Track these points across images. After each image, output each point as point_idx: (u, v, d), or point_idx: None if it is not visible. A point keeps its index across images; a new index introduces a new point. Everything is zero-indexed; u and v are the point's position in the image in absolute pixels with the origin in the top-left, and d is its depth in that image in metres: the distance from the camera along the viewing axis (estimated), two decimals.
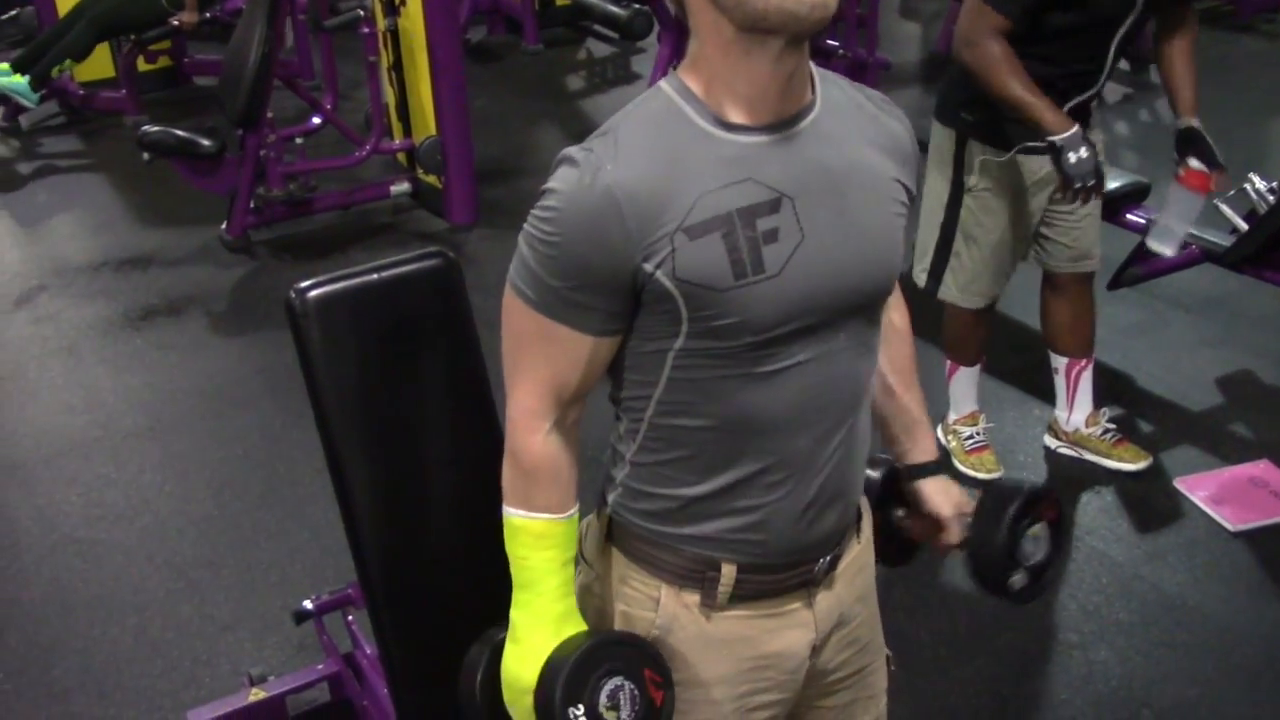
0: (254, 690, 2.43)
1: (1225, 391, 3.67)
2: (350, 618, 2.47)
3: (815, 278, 1.29)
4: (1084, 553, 2.99)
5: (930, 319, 3.11)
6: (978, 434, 3.35)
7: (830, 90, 1.35)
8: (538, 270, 1.28)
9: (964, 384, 3.34)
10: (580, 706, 1.32)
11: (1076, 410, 3.29)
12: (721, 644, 1.45)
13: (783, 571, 1.44)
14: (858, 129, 1.36)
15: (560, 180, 1.26)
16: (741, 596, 1.43)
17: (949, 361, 3.32)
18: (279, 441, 3.54)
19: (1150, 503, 3.17)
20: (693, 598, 1.43)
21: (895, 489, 1.67)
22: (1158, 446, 3.38)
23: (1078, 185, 2.71)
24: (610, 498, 1.47)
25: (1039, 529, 1.59)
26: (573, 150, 1.28)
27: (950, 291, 3.15)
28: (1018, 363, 3.73)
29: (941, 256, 3.12)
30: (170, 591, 2.97)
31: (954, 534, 1.61)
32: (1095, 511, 3.15)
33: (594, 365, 1.34)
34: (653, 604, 1.45)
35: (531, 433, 1.37)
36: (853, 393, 1.40)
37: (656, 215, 1.24)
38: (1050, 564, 1.61)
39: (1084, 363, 3.24)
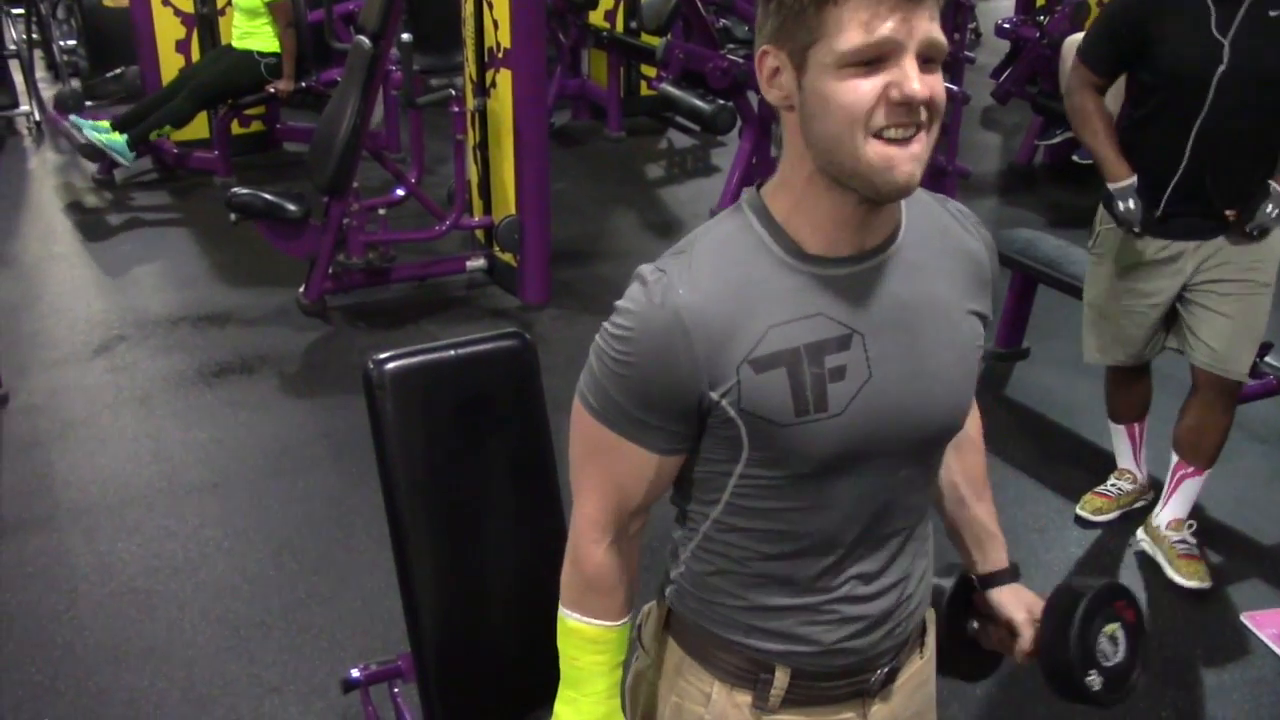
0: None
1: None
2: (396, 689, 2.46)
3: (878, 417, 1.27)
4: (1145, 684, 2.91)
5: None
6: (1110, 488, 3.56)
7: (915, 215, 1.33)
8: (606, 386, 1.29)
9: (1114, 438, 3.56)
10: None
11: (1168, 510, 3.31)
12: None
13: (838, 679, 1.42)
14: (939, 258, 1.33)
15: (633, 300, 1.26)
16: (794, 701, 1.41)
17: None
18: (339, 506, 3.57)
19: (1216, 636, 3.09)
20: (744, 698, 1.42)
21: (968, 599, 1.62)
22: (1226, 579, 3.30)
23: (1126, 230, 3.02)
24: (668, 591, 1.48)
25: (1115, 629, 1.50)
26: (647, 270, 1.27)
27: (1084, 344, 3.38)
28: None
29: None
30: (221, 649, 2.98)
31: (1028, 639, 1.55)
32: (1158, 643, 3.06)
33: (658, 482, 1.35)
34: (704, 699, 1.44)
35: (593, 543, 1.39)
36: (908, 522, 1.39)
37: (724, 343, 1.22)
38: (1132, 668, 1.52)
39: (1192, 470, 3.24)
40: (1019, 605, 1.58)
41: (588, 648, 1.42)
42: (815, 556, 1.34)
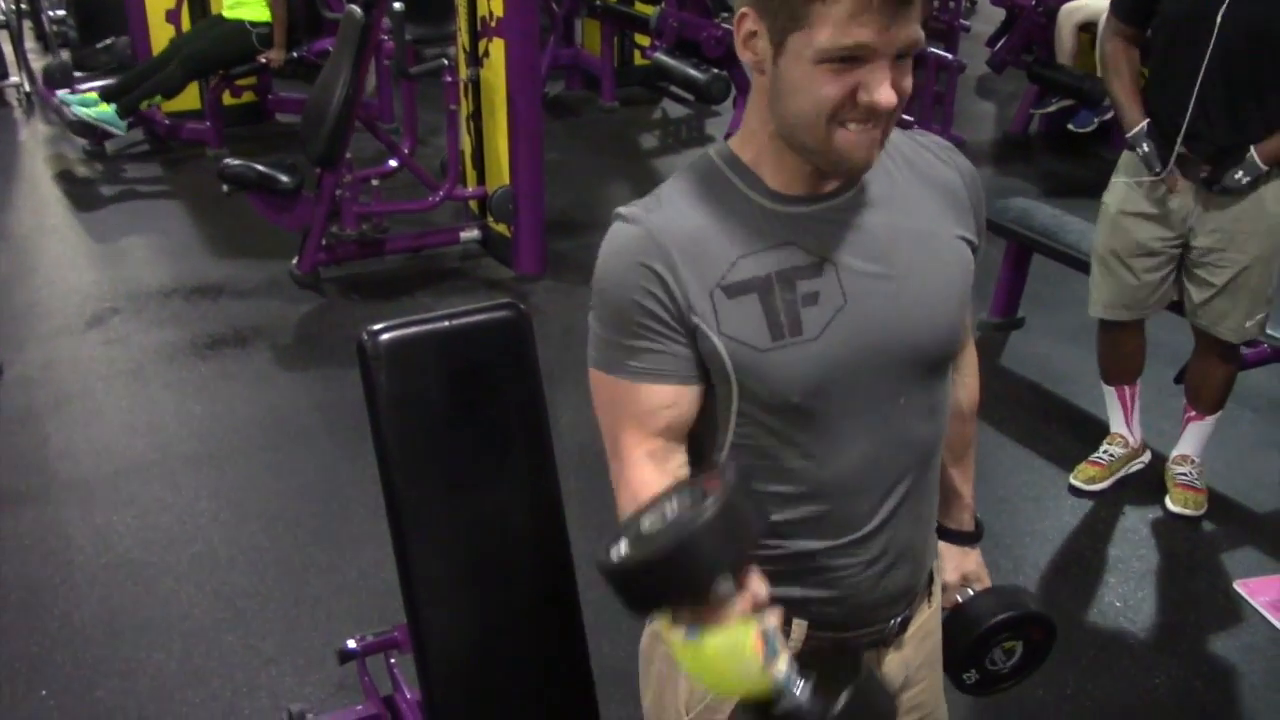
0: None
1: None
2: (393, 660, 2.47)
3: (858, 342, 1.29)
4: (1138, 651, 2.93)
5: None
6: (1102, 454, 3.58)
7: (884, 152, 1.33)
8: (604, 334, 1.31)
9: (1107, 401, 3.60)
10: None
11: (1177, 447, 3.51)
12: None
13: (854, 629, 1.43)
14: (908, 189, 1.36)
15: (608, 236, 1.32)
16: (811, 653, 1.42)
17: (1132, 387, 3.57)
18: (334, 478, 3.57)
19: (1209, 604, 3.10)
20: None
21: None
22: (1219, 547, 3.32)
23: (1150, 171, 3.08)
24: None
25: (1016, 645, 1.62)
26: (620, 209, 1.33)
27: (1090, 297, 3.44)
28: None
29: None
30: (217, 620, 2.98)
31: (948, 599, 1.64)
32: (1152, 609, 3.08)
33: (679, 414, 1.32)
34: None
35: (635, 466, 1.33)
36: (918, 454, 1.39)
37: (696, 265, 1.26)
38: (1012, 678, 1.65)
39: (1195, 414, 3.44)
40: (954, 569, 1.65)
41: None
42: (829, 498, 1.34)
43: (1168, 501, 3.44)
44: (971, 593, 1.66)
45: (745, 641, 1.14)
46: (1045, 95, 6.80)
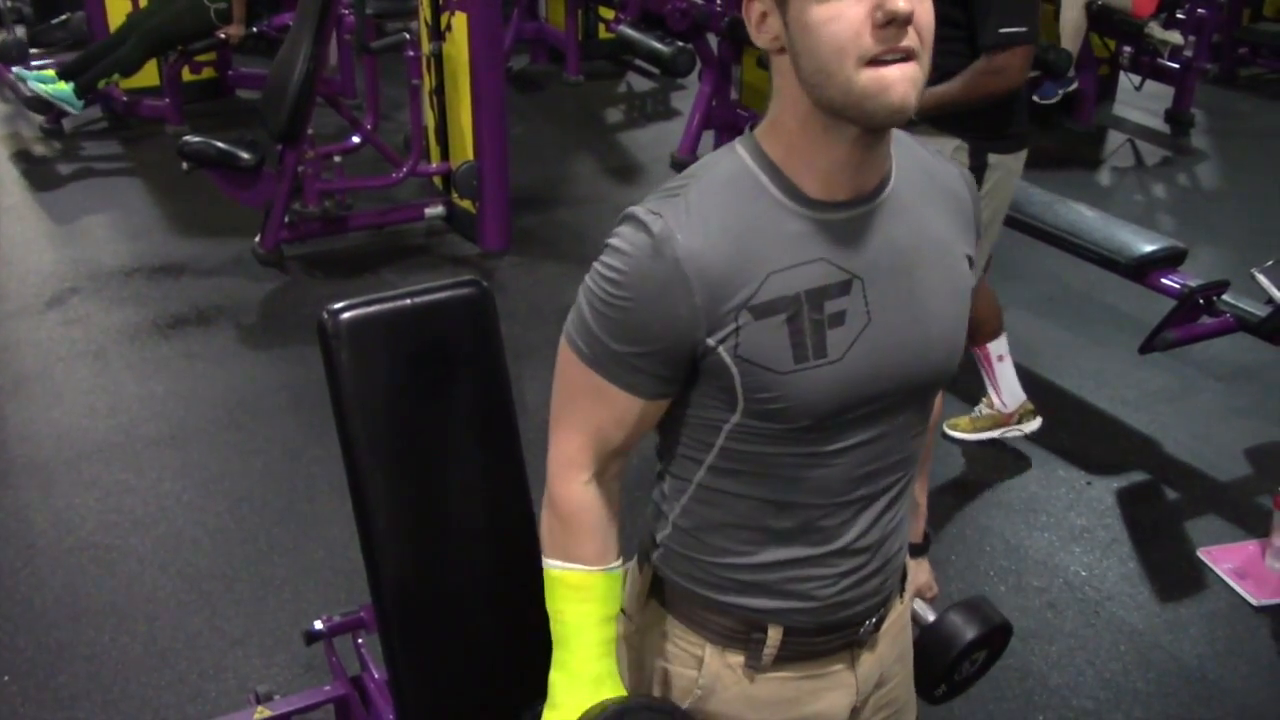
0: (259, 709, 2.41)
1: (1254, 463, 3.62)
2: (360, 640, 2.46)
3: (878, 362, 1.26)
4: (1103, 619, 2.95)
5: None
6: (975, 409, 3.69)
7: (903, 157, 1.31)
8: (596, 330, 1.26)
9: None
10: None
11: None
12: (764, 705, 1.42)
13: (830, 633, 1.41)
14: (928, 199, 1.32)
15: (628, 242, 1.22)
16: (786, 658, 1.40)
17: (995, 345, 3.55)
18: (300, 458, 3.54)
19: (1173, 572, 3.13)
20: (737, 659, 1.41)
21: None
22: (1183, 515, 3.35)
23: None
24: (654, 555, 1.44)
25: (981, 655, 1.65)
26: (641, 211, 1.23)
27: None
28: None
29: None
30: (182, 602, 2.96)
31: None
32: (1117, 578, 3.11)
33: (640, 425, 1.32)
34: (696, 663, 1.42)
35: (569, 483, 1.35)
36: (902, 468, 1.38)
37: (724, 290, 1.20)
38: (973, 681, 1.68)
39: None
40: (909, 581, 1.60)
41: (572, 596, 1.36)
42: (815, 506, 1.32)
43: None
44: (924, 603, 1.67)
45: None
46: None
